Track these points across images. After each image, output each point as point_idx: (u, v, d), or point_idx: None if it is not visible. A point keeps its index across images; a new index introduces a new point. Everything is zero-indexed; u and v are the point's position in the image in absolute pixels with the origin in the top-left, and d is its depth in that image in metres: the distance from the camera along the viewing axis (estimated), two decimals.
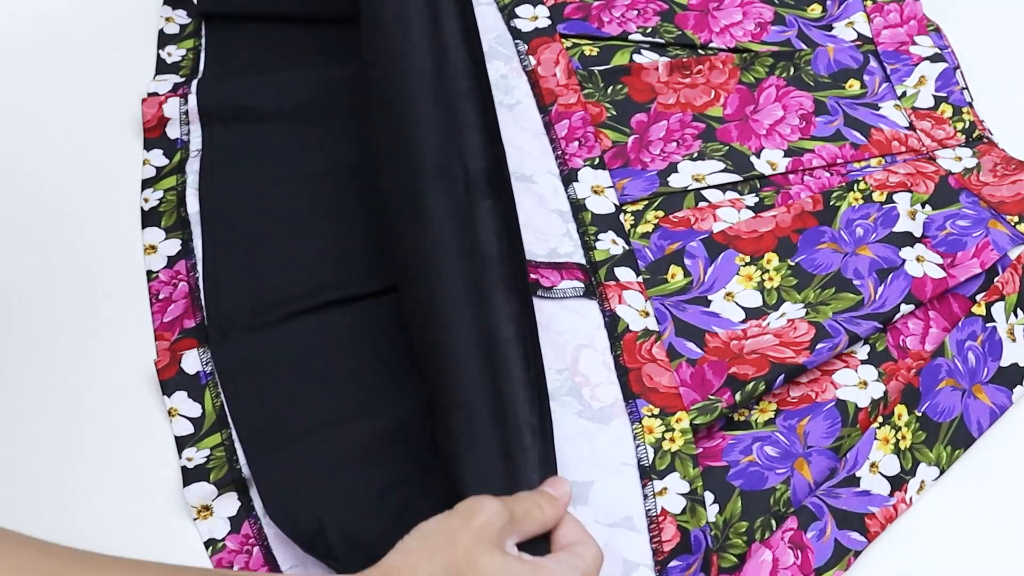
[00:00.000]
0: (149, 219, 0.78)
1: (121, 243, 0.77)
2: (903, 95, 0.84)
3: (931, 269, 0.74)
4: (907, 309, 0.73)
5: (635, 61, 0.84)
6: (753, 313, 0.73)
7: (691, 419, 0.68)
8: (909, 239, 0.76)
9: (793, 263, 0.75)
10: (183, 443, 0.68)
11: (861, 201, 0.78)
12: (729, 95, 0.83)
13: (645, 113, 0.82)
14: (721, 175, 0.79)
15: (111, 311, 0.74)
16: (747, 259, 0.75)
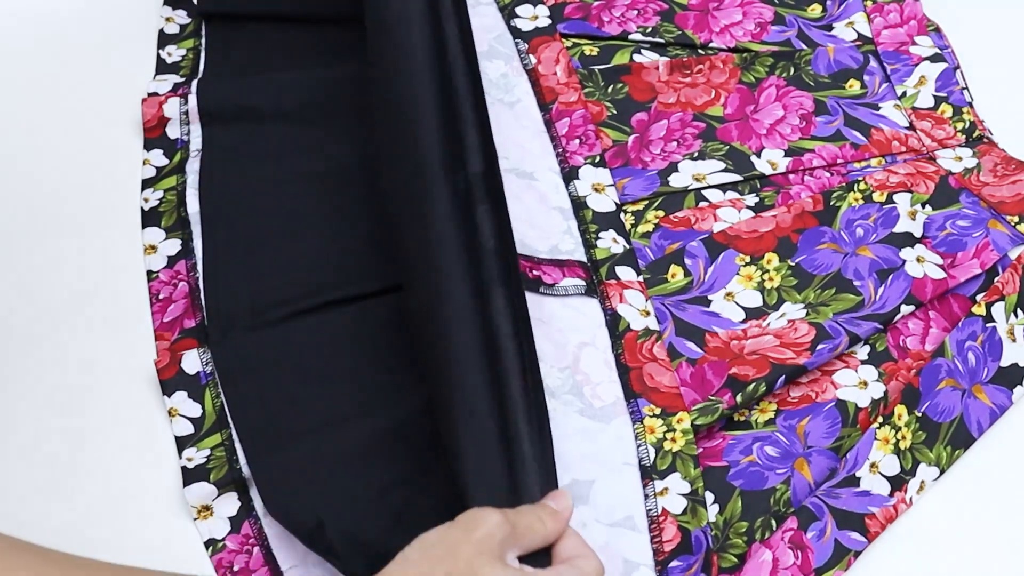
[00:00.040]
0: (149, 219, 0.78)
1: (121, 243, 0.77)
2: (903, 95, 0.83)
3: (931, 270, 0.74)
4: (907, 310, 0.73)
5: (635, 61, 0.84)
6: (753, 313, 0.73)
7: (692, 420, 0.68)
8: (909, 239, 0.76)
9: (793, 263, 0.75)
10: (183, 443, 0.68)
11: (861, 201, 0.77)
12: (729, 95, 0.83)
13: (645, 112, 0.82)
14: (721, 175, 0.79)
15: (111, 311, 0.74)
16: (747, 259, 0.75)
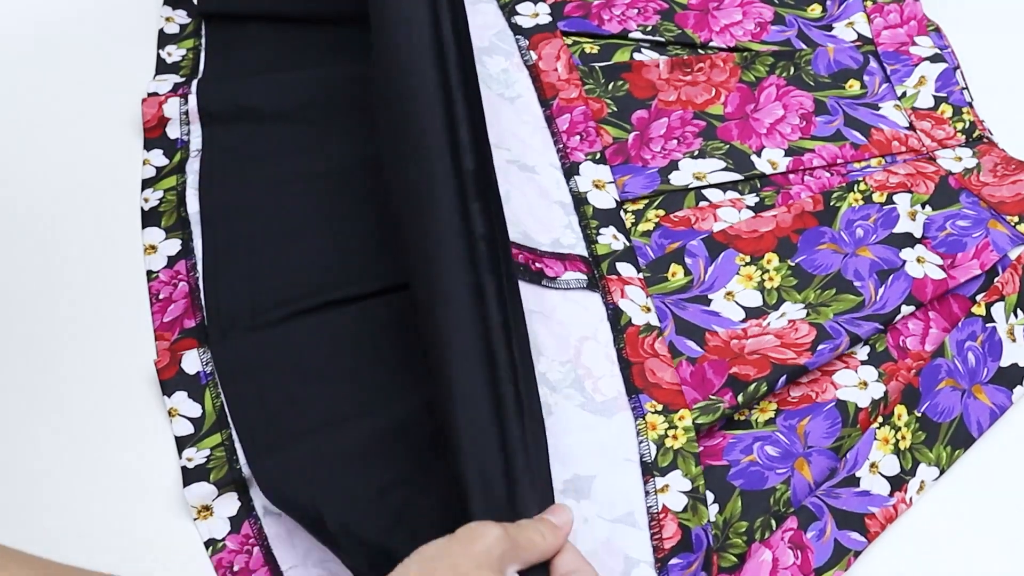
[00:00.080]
0: (149, 219, 0.78)
1: (121, 243, 0.77)
2: (903, 95, 0.83)
3: (931, 270, 0.74)
4: (908, 310, 0.73)
5: (635, 59, 0.84)
6: (753, 313, 0.73)
7: (693, 419, 0.68)
8: (909, 240, 0.76)
9: (793, 263, 0.75)
10: (183, 443, 0.68)
11: (861, 202, 0.77)
12: (730, 93, 0.83)
13: (646, 110, 0.82)
14: (722, 174, 0.79)
15: (111, 311, 0.74)
16: (747, 259, 0.75)
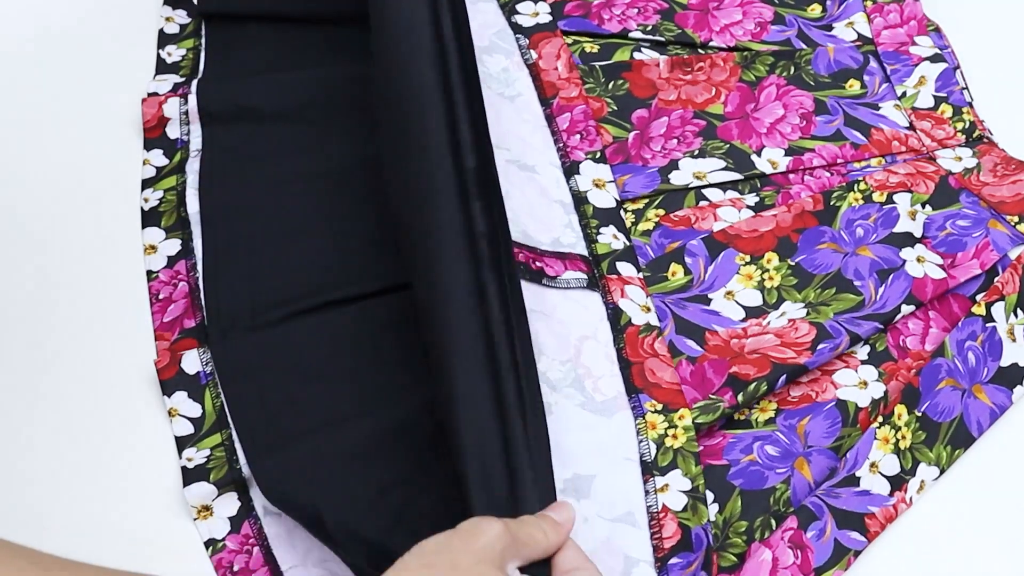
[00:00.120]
0: (149, 219, 0.78)
1: (121, 243, 0.77)
2: (903, 95, 0.83)
3: (931, 270, 0.74)
4: (908, 310, 0.73)
5: (635, 59, 0.84)
6: (753, 312, 0.73)
7: (693, 418, 0.68)
8: (909, 239, 0.76)
9: (793, 263, 0.75)
10: (183, 443, 0.68)
11: (861, 201, 0.77)
12: (730, 93, 0.83)
13: (646, 109, 0.82)
14: (722, 173, 0.79)
15: (111, 311, 0.74)
16: (747, 258, 0.75)
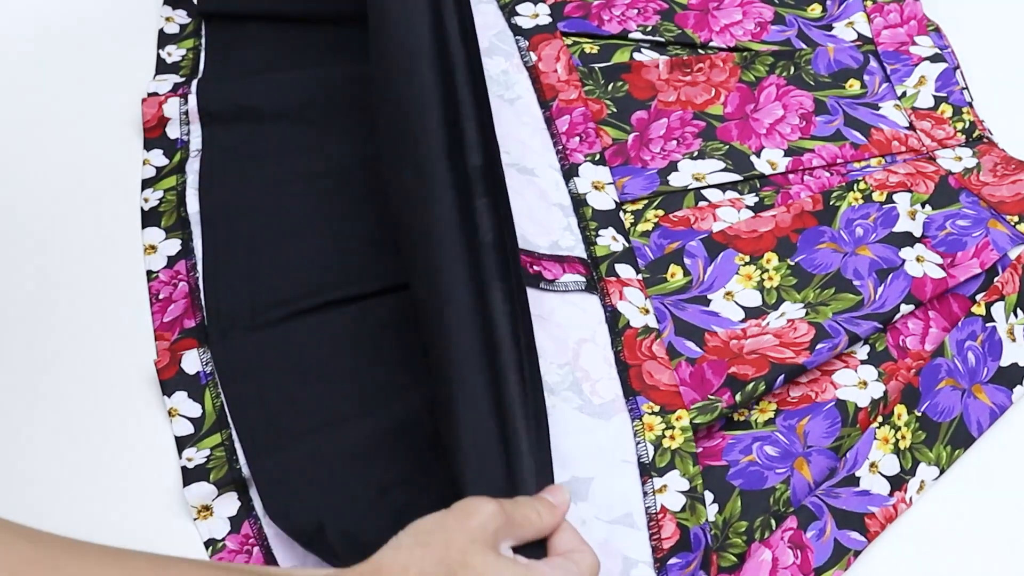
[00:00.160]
0: (149, 219, 0.78)
1: (121, 243, 0.77)
2: (903, 95, 0.83)
3: (931, 269, 0.74)
4: (907, 309, 0.73)
5: (635, 59, 0.84)
6: (753, 313, 0.73)
7: (691, 418, 0.68)
8: (909, 239, 0.76)
9: (793, 263, 0.75)
10: (183, 443, 0.68)
11: (861, 201, 0.77)
12: (729, 93, 0.83)
13: (645, 110, 0.82)
14: (721, 174, 0.79)
15: (111, 311, 0.74)
16: (747, 259, 0.75)
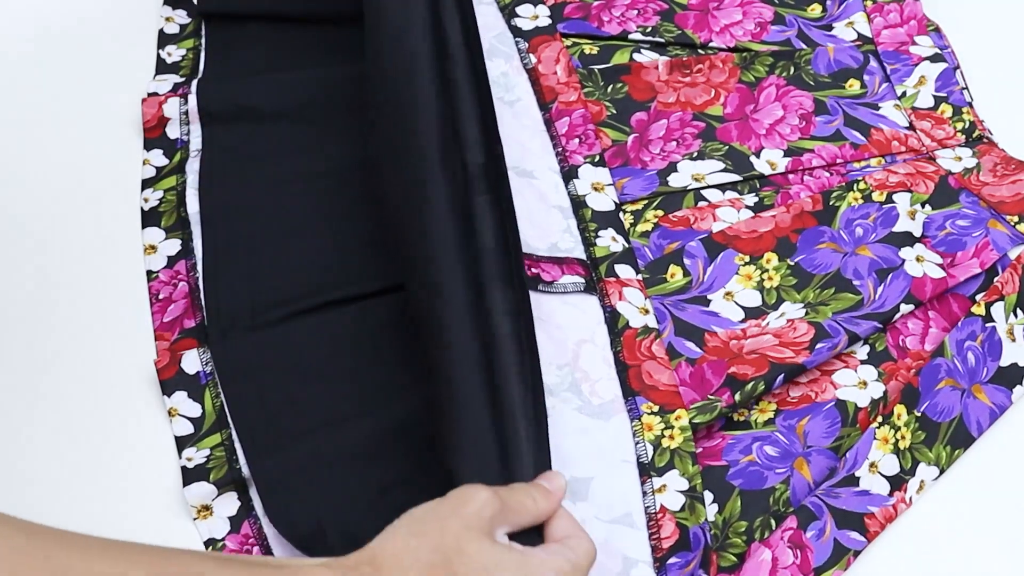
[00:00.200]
0: (149, 219, 0.78)
1: (121, 243, 0.77)
2: (903, 95, 0.83)
3: (931, 269, 0.74)
4: (907, 309, 0.73)
5: (635, 60, 0.84)
6: (752, 313, 0.73)
7: (691, 418, 0.68)
8: (909, 239, 0.76)
9: (792, 263, 0.75)
10: (183, 443, 0.68)
11: (861, 201, 0.77)
12: (729, 94, 0.83)
13: (645, 112, 0.82)
14: (721, 175, 0.79)
15: (111, 311, 0.74)
16: (746, 259, 0.75)
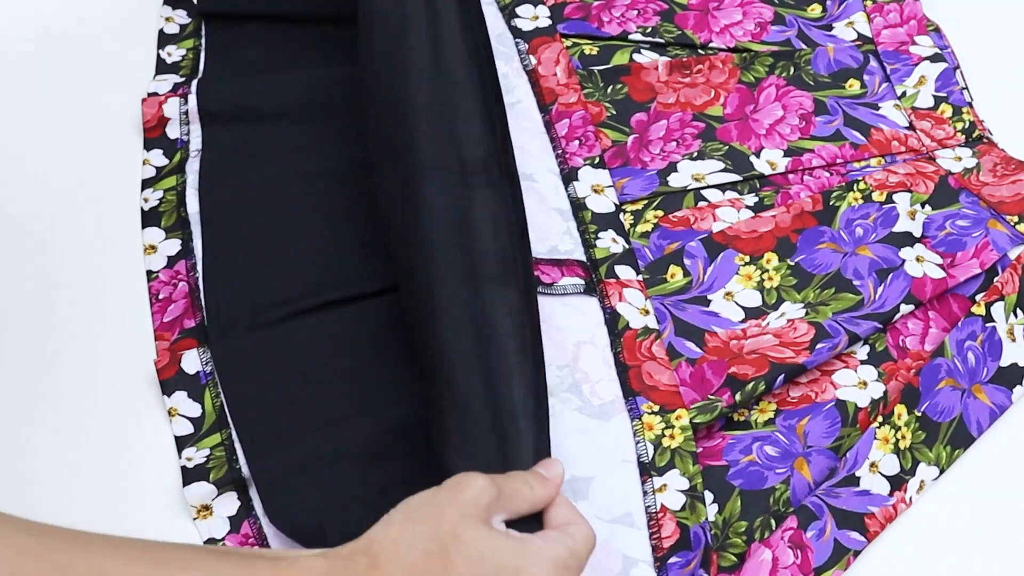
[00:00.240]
0: (149, 219, 0.78)
1: (121, 243, 0.77)
2: (903, 95, 0.84)
3: (931, 269, 0.74)
4: (907, 309, 0.73)
5: (635, 61, 0.84)
6: (753, 313, 0.73)
7: (691, 418, 0.68)
8: (909, 239, 0.76)
9: (793, 263, 0.75)
10: (183, 443, 0.68)
11: (861, 201, 0.78)
12: (729, 94, 0.83)
13: (645, 112, 0.82)
14: (721, 175, 0.79)
15: (111, 311, 0.74)
16: (747, 259, 0.75)
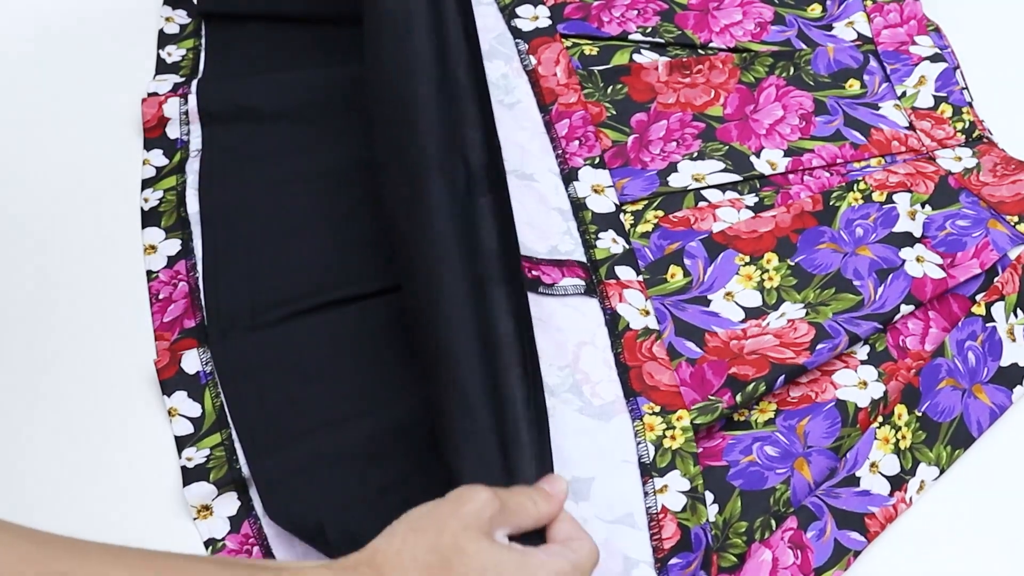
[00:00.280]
0: (149, 219, 0.78)
1: (121, 243, 0.77)
2: (903, 95, 0.84)
3: (931, 269, 0.74)
4: (907, 309, 0.73)
5: (635, 61, 0.84)
6: (753, 313, 0.73)
7: (692, 419, 0.68)
8: (909, 239, 0.76)
9: (793, 263, 0.75)
10: (183, 443, 0.68)
11: (861, 201, 0.78)
12: (729, 95, 0.83)
13: (645, 113, 0.82)
14: (721, 175, 0.79)
15: (111, 311, 0.74)
16: (747, 259, 0.75)
